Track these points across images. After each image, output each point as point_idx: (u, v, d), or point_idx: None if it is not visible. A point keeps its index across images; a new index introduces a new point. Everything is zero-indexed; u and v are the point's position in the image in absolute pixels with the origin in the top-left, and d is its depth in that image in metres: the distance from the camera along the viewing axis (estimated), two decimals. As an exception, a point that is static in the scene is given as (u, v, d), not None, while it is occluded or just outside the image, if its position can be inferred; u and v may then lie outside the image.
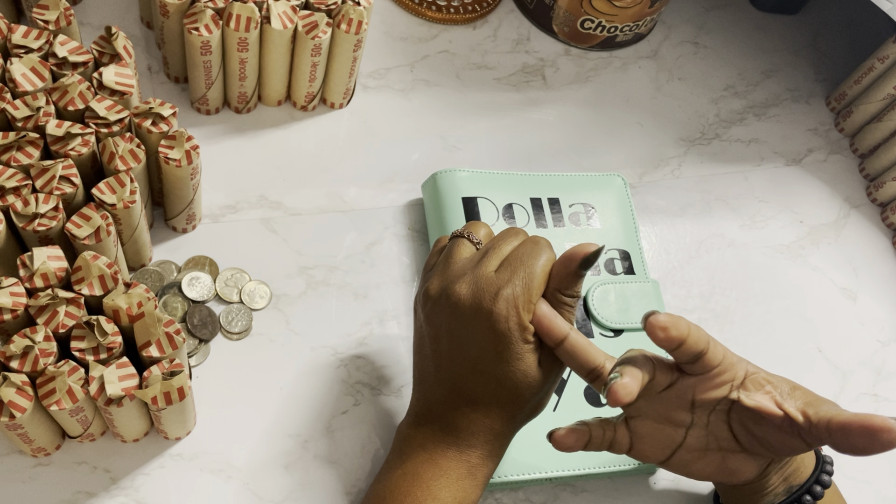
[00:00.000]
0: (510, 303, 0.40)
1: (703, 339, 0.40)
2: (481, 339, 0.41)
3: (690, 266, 0.62)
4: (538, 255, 0.42)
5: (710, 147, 0.68)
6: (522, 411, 0.43)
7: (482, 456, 0.42)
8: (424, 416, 0.44)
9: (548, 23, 0.69)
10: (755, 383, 0.41)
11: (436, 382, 0.43)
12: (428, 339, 0.44)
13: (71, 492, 0.45)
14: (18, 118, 0.44)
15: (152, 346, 0.41)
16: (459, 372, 0.42)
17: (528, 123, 0.65)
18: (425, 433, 0.43)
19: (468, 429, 0.42)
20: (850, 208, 0.68)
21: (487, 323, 0.41)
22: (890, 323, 0.63)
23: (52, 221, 0.43)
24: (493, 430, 0.42)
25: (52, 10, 0.48)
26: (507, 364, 0.41)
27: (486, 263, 0.42)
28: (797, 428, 0.40)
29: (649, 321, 0.39)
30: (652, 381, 0.41)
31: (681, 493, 0.52)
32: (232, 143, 0.58)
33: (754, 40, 0.76)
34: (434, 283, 0.43)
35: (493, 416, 0.42)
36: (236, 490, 0.47)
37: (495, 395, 0.42)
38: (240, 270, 0.53)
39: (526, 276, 0.41)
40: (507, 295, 0.40)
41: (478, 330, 0.41)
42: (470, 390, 0.42)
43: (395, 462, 0.43)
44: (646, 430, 0.43)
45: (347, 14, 0.54)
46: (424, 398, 0.44)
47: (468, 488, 0.42)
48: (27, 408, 0.39)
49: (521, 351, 0.41)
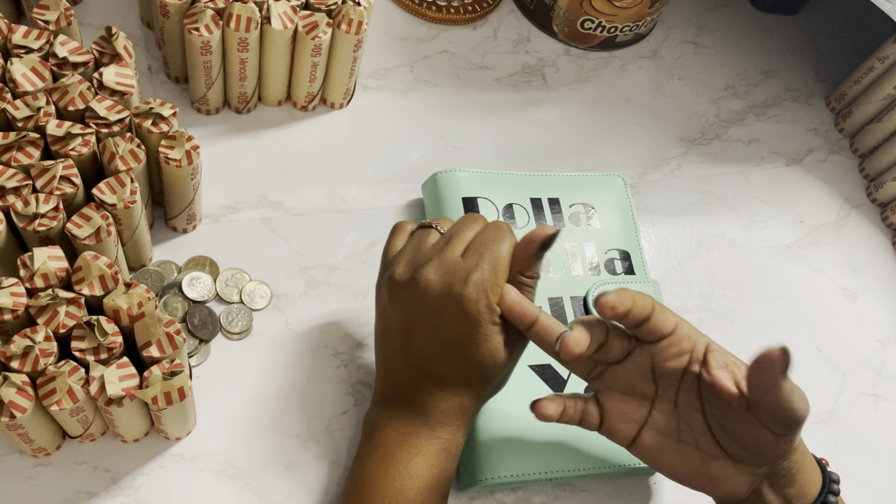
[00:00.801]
0: (479, 286, 0.42)
1: (648, 306, 0.41)
2: (452, 323, 0.42)
3: (690, 266, 0.62)
4: (502, 239, 0.43)
5: (710, 147, 0.68)
6: (488, 388, 0.44)
7: (452, 431, 0.44)
8: (392, 399, 0.45)
9: (548, 23, 0.69)
10: (718, 362, 0.41)
11: (403, 366, 0.45)
12: (395, 323, 0.45)
13: (71, 492, 0.45)
14: (19, 118, 0.44)
15: (153, 347, 0.41)
16: (430, 355, 0.43)
17: (528, 123, 0.65)
18: (395, 416, 0.44)
19: (437, 408, 0.43)
20: (850, 208, 0.68)
21: (458, 306, 0.42)
22: (890, 323, 0.63)
23: (53, 221, 0.43)
24: (462, 407, 0.44)
25: (52, 10, 0.48)
26: (477, 345, 0.42)
27: (451, 249, 0.44)
28: (754, 410, 0.39)
29: (599, 303, 0.40)
30: (606, 345, 0.42)
31: (681, 494, 0.52)
32: (232, 143, 0.58)
33: (754, 40, 0.76)
34: (400, 269, 0.44)
35: (461, 395, 0.44)
36: (236, 490, 0.47)
37: (464, 375, 0.43)
38: (240, 270, 0.53)
39: (492, 259, 0.43)
40: (476, 279, 0.42)
41: (448, 313, 0.42)
42: (439, 372, 0.43)
43: (368, 448, 0.44)
44: (613, 404, 0.44)
45: (347, 14, 0.54)
46: (391, 382, 0.46)
47: (443, 462, 0.43)
48: (27, 408, 0.39)
49: (490, 332, 0.42)
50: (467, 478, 0.48)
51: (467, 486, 0.48)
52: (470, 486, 0.48)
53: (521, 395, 0.49)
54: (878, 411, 0.59)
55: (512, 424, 0.48)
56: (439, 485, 0.43)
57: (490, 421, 0.48)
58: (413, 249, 0.45)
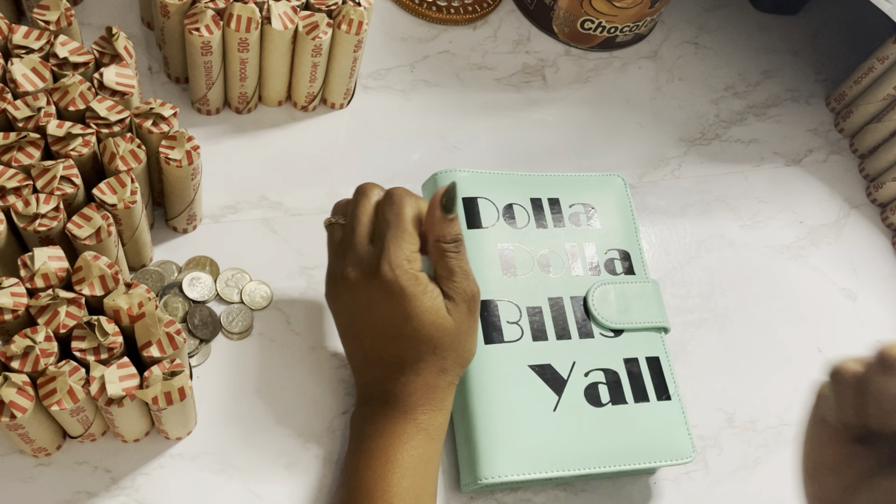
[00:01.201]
0: (393, 263, 0.43)
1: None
2: (383, 307, 0.43)
3: (690, 266, 0.62)
4: (400, 208, 0.44)
5: (710, 147, 0.68)
6: (447, 360, 0.45)
7: (427, 411, 0.44)
8: (366, 398, 0.46)
9: (548, 23, 0.69)
10: None
11: (366, 364, 0.46)
12: (344, 328, 0.47)
13: (71, 492, 0.45)
14: (19, 118, 0.44)
15: (153, 347, 0.41)
16: (379, 345, 0.45)
17: (528, 123, 0.65)
18: (371, 411, 0.45)
19: (404, 391, 0.44)
20: (849, 208, 0.68)
21: (382, 290, 0.43)
22: (890, 323, 0.63)
23: (53, 222, 0.43)
24: (427, 384, 0.44)
25: (52, 10, 0.48)
26: (416, 319, 0.43)
27: (357, 238, 0.45)
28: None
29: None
30: None
31: (680, 494, 0.53)
32: (232, 143, 0.58)
33: (754, 40, 0.76)
34: (328, 276, 0.47)
35: (423, 373, 0.44)
36: (236, 490, 0.47)
37: (417, 352, 0.44)
38: (240, 270, 0.53)
39: (395, 234, 0.44)
40: (387, 258, 0.43)
41: (378, 300, 0.43)
42: (394, 357, 0.44)
43: (353, 447, 0.45)
44: None
45: (348, 14, 0.54)
46: (363, 381, 0.47)
47: (423, 444, 0.44)
48: (28, 408, 0.39)
49: (423, 302, 0.43)
50: (467, 478, 0.48)
51: (467, 486, 0.48)
52: (470, 486, 0.48)
53: (521, 394, 0.49)
54: (877, 411, 0.59)
55: (512, 424, 0.48)
56: (424, 467, 0.44)
57: (490, 421, 0.48)
58: (330, 254, 0.47)
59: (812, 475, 0.39)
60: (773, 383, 0.58)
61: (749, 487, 0.54)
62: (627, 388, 0.51)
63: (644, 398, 0.51)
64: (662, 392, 0.51)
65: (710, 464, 0.54)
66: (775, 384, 0.58)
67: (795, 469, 0.42)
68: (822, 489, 0.38)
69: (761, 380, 0.58)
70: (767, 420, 0.57)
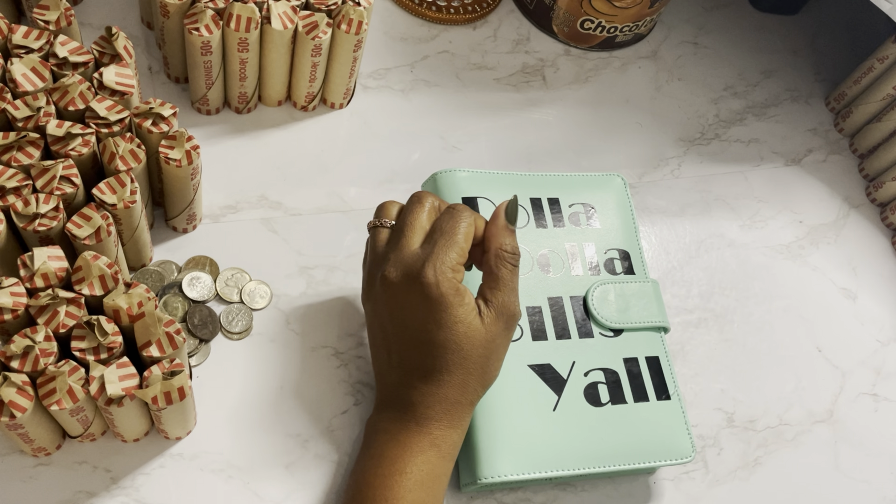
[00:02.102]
0: (437, 269, 0.42)
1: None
2: (418, 311, 0.43)
3: (690, 266, 0.62)
4: (458, 221, 0.44)
5: (710, 147, 0.68)
6: (471, 375, 0.44)
7: (442, 427, 0.44)
8: (385, 402, 0.46)
9: (548, 23, 0.69)
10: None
11: (389, 367, 0.45)
12: (375, 328, 0.46)
13: (71, 491, 0.45)
14: (19, 118, 0.44)
15: (153, 346, 0.41)
16: (405, 349, 0.44)
17: (528, 123, 0.65)
18: (387, 417, 0.45)
19: (423, 402, 0.43)
20: (849, 208, 0.68)
21: (420, 294, 0.42)
22: (890, 323, 0.63)
23: (53, 221, 0.43)
24: (447, 399, 0.43)
25: (52, 10, 0.48)
26: (448, 329, 0.42)
27: (406, 241, 0.44)
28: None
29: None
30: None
31: (680, 494, 0.53)
32: (232, 143, 0.58)
33: (754, 40, 0.76)
34: (366, 276, 0.47)
35: (445, 386, 0.43)
36: (236, 490, 0.47)
37: (443, 361, 0.43)
38: (240, 270, 0.53)
39: (448, 242, 0.43)
40: (433, 263, 0.42)
41: (413, 303, 0.43)
42: (419, 364, 0.44)
43: (364, 451, 0.45)
44: None
45: (347, 14, 0.54)
46: (384, 386, 0.46)
47: (434, 459, 0.43)
48: (28, 408, 0.39)
49: (459, 314, 0.42)
50: (467, 478, 0.48)
51: (467, 486, 0.48)
52: (470, 486, 0.48)
53: (521, 394, 0.49)
54: (877, 411, 0.59)
55: (512, 424, 0.48)
56: (432, 483, 0.43)
57: (490, 420, 0.48)
58: (371, 255, 0.47)
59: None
60: (773, 383, 0.58)
61: (748, 487, 0.54)
62: (627, 388, 0.51)
63: (644, 398, 0.51)
64: (662, 392, 0.51)
65: (709, 463, 0.54)
66: (775, 384, 0.58)
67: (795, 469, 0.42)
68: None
69: (761, 380, 0.58)
70: (767, 420, 0.57)
